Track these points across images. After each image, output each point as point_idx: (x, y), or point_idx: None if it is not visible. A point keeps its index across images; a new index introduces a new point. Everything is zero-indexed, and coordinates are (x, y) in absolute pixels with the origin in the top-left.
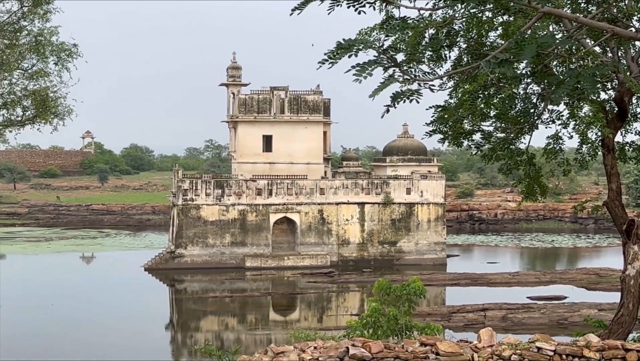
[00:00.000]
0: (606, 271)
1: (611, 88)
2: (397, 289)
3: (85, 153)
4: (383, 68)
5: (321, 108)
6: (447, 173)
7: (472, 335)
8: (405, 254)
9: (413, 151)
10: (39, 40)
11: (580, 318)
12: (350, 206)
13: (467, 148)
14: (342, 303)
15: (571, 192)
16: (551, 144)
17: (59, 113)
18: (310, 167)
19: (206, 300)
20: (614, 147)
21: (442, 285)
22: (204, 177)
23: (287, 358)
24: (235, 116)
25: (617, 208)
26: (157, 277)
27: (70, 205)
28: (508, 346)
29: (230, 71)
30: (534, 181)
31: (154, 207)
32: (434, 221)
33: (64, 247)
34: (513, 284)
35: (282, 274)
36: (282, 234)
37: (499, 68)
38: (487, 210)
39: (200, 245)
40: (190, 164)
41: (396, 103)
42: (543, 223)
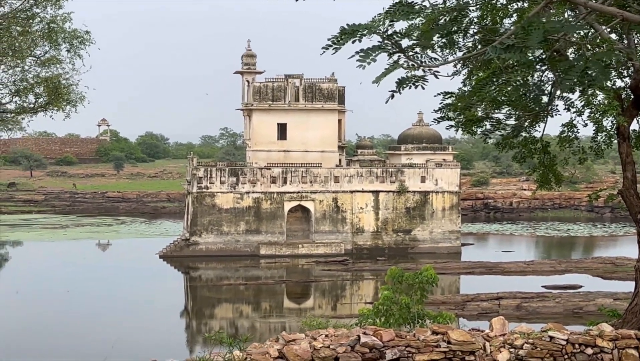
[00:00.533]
0: (622, 260)
1: (627, 76)
2: (410, 278)
3: (101, 141)
4: (388, 54)
5: (336, 96)
6: (462, 161)
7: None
8: (420, 242)
9: (428, 139)
10: (52, 27)
11: (595, 308)
12: (365, 195)
13: (481, 136)
14: (356, 291)
15: (587, 180)
16: (566, 132)
17: (71, 100)
18: (324, 155)
19: (220, 288)
20: (629, 135)
21: (457, 274)
22: (219, 165)
23: (298, 346)
24: (250, 103)
25: (632, 196)
26: (172, 264)
27: (86, 192)
28: (520, 335)
29: (245, 59)
30: (548, 170)
31: (169, 195)
32: (449, 209)
33: (80, 234)
34: (528, 273)
35: (296, 262)
36: (297, 222)
37: (505, 54)
38: (503, 199)
39: (215, 233)
40: (205, 152)
41: (401, 89)
42: (559, 212)
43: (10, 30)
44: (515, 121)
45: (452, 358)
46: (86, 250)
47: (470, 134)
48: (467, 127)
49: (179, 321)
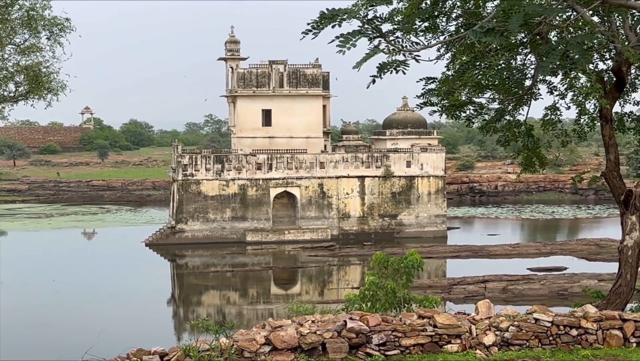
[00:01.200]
0: (606, 241)
1: (609, 58)
2: (395, 263)
3: (84, 129)
4: (368, 39)
5: (320, 82)
6: (447, 146)
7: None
8: (406, 227)
9: (413, 123)
10: (31, 15)
11: (580, 289)
12: (351, 180)
13: (464, 120)
14: (343, 277)
15: (571, 163)
16: (549, 115)
17: (52, 89)
18: (310, 141)
19: (207, 275)
20: (612, 118)
21: (443, 257)
22: (204, 153)
23: (284, 332)
24: (234, 90)
25: (615, 178)
26: (158, 252)
27: (70, 181)
28: (506, 318)
29: (229, 45)
30: (532, 153)
31: (154, 182)
32: (434, 193)
33: (65, 223)
34: (513, 256)
35: (282, 249)
36: (283, 208)
37: (486, 37)
38: (488, 182)
39: (201, 220)
40: (190, 139)
41: (382, 74)
42: (543, 195)
43: None
44: (499, 104)
45: (439, 342)
46: (71, 239)
47: (454, 119)
48: (451, 112)
49: (166, 309)
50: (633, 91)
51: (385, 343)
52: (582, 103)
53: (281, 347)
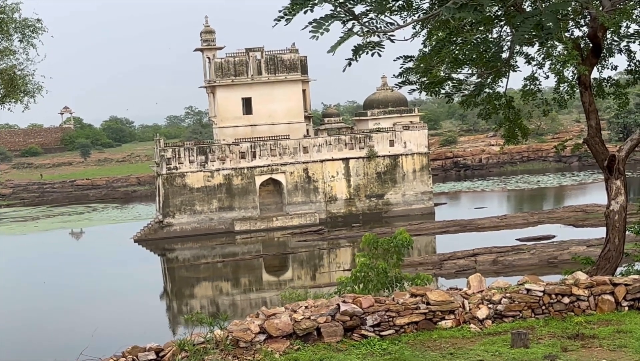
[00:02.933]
0: (593, 207)
1: (585, 25)
2: (385, 243)
3: (65, 129)
4: (341, 22)
5: (298, 66)
6: (429, 122)
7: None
8: (393, 206)
9: (393, 102)
10: (1, 18)
11: (569, 256)
12: (335, 163)
13: (444, 96)
14: (334, 260)
15: (553, 131)
16: (528, 85)
17: (28, 91)
18: (291, 126)
19: (198, 267)
20: (590, 84)
21: (432, 234)
22: (186, 145)
23: (279, 319)
24: (213, 80)
25: (598, 144)
26: (147, 248)
27: (54, 182)
28: (497, 290)
29: (204, 35)
30: (514, 124)
31: (139, 178)
32: (419, 171)
33: (52, 225)
34: (502, 228)
35: (272, 236)
36: (269, 195)
37: (460, 13)
38: (472, 156)
39: (188, 213)
40: (172, 132)
41: (358, 56)
42: (527, 165)
43: None
44: (478, 78)
45: (433, 319)
46: (59, 240)
47: (434, 95)
48: (430, 89)
49: (159, 303)
50: (610, 55)
51: (380, 324)
52: (560, 71)
53: (276, 335)
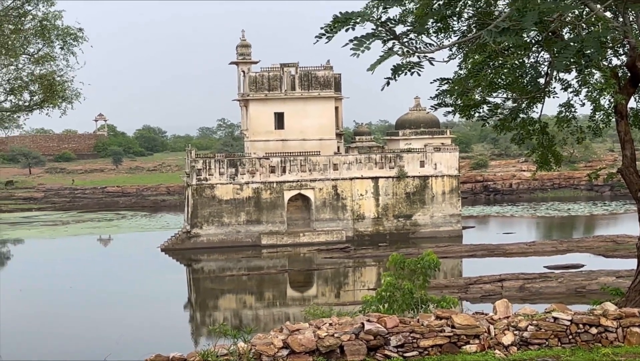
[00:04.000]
0: (623, 238)
1: (623, 54)
2: (412, 263)
3: (98, 136)
4: (382, 41)
5: (332, 83)
6: (460, 145)
7: (489, 306)
8: (421, 227)
9: (426, 123)
10: (44, 25)
11: (598, 286)
12: (364, 181)
13: (478, 120)
14: (359, 278)
15: (586, 160)
16: (563, 112)
17: (66, 97)
18: (322, 143)
19: (223, 279)
20: (627, 113)
21: (459, 257)
22: (217, 157)
23: (302, 335)
24: (246, 94)
25: (632, 174)
26: (174, 257)
27: (85, 188)
28: (524, 317)
29: (240, 49)
30: (547, 150)
31: (169, 188)
32: (449, 193)
33: (81, 230)
34: (530, 254)
35: (298, 251)
36: (297, 211)
37: (501, 37)
38: (502, 180)
39: (216, 224)
40: (203, 143)
41: (397, 76)
42: (558, 192)
43: (2, 28)
44: (513, 103)
45: (457, 343)
46: (88, 246)
47: (468, 119)
48: (465, 112)
49: (182, 313)
50: None
51: (404, 345)
52: (596, 99)
53: (299, 350)
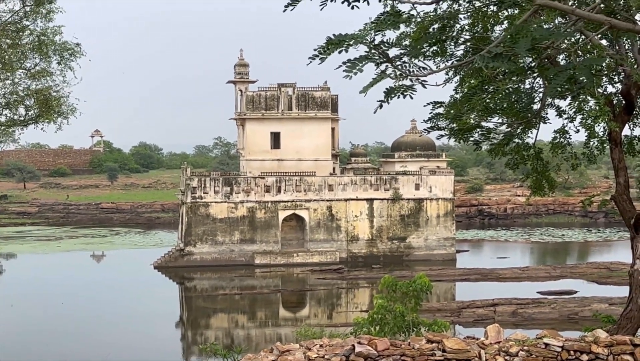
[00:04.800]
0: (617, 265)
1: (618, 81)
2: (404, 286)
3: (94, 152)
4: (375, 64)
5: (329, 104)
6: (456, 168)
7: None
8: (415, 250)
9: (421, 146)
10: (42, 40)
11: (590, 313)
12: (359, 202)
13: (472, 143)
14: (352, 300)
15: (581, 186)
16: (558, 138)
17: (62, 112)
18: (318, 163)
19: (216, 298)
20: (621, 141)
21: (452, 281)
22: (213, 175)
23: (292, 356)
24: (243, 113)
25: (625, 202)
26: (166, 275)
27: (79, 204)
28: (515, 343)
29: (238, 68)
30: (541, 176)
31: (164, 205)
32: (443, 216)
33: (74, 246)
34: (523, 279)
35: (291, 271)
36: (291, 231)
37: (494, 63)
38: (497, 205)
39: (210, 243)
40: (199, 161)
41: (389, 99)
42: (553, 217)
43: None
44: (508, 128)
45: None
46: (80, 262)
47: (463, 141)
48: (459, 136)
49: (174, 331)
50: None
51: None
52: (591, 126)
53: None
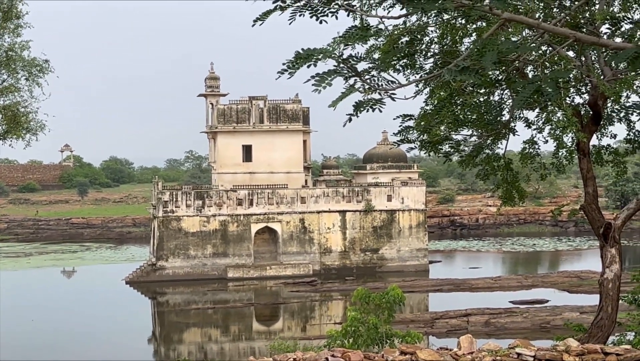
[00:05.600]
0: (587, 273)
1: (585, 92)
2: (377, 298)
3: (64, 167)
4: (344, 78)
5: (300, 117)
6: (427, 179)
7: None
8: (388, 261)
9: (393, 157)
10: (10, 56)
11: (562, 322)
12: (332, 214)
13: (442, 156)
14: (325, 312)
15: (551, 195)
16: (527, 148)
17: (31, 128)
18: (290, 176)
19: (188, 312)
20: (589, 151)
21: (425, 291)
22: (184, 189)
23: None
24: (215, 126)
25: (594, 211)
26: (138, 290)
27: (49, 219)
28: (488, 353)
29: (209, 82)
30: (511, 186)
31: (135, 219)
32: (416, 227)
33: (44, 262)
34: (495, 289)
35: (264, 284)
36: (264, 244)
37: (461, 76)
38: (468, 215)
39: (182, 257)
40: (170, 175)
41: (359, 112)
42: (524, 227)
43: None
44: (478, 139)
45: None
46: (51, 278)
47: (434, 153)
48: (429, 148)
49: (147, 347)
50: (610, 124)
51: None
52: (559, 137)
53: None
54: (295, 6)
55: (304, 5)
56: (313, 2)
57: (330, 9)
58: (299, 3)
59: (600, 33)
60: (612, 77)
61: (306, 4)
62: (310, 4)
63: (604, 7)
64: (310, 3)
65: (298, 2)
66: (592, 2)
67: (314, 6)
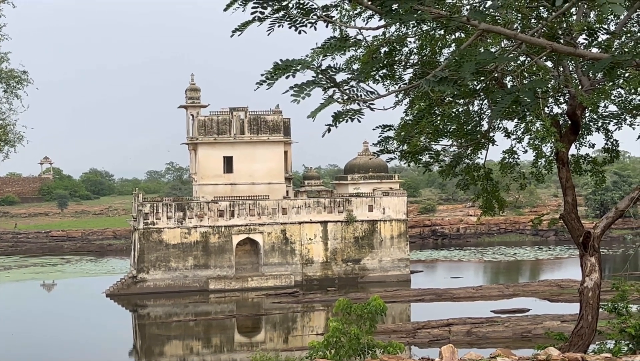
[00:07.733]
0: (568, 282)
1: (564, 102)
2: (358, 308)
3: (43, 179)
4: (322, 88)
5: (281, 128)
6: (408, 189)
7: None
8: (370, 271)
9: (374, 168)
10: None
11: (543, 330)
12: (313, 225)
13: (422, 166)
14: (307, 323)
15: (531, 205)
16: (506, 158)
17: (9, 141)
18: (271, 187)
19: (170, 325)
20: (568, 160)
21: (407, 301)
22: (165, 201)
23: None
24: (195, 137)
25: (574, 220)
26: (119, 303)
27: (29, 232)
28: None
29: (189, 93)
30: (491, 196)
31: (115, 232)
32: (397, 237)
33: (24, 275)
34: (477, 299)
35: (246, 296)
36: (246, 255)
37: (439, 86)
38: (450, 225)
39: (163, 269)
40: (151, 187)
41: (337, 123)
42: (505, 236)
43: None
44: (458, 149)
45: None
46: (31, 292)
47: (414, 163)
48: (409, 158)
49: (128, 360)
50: (588, 133)
51: None
52: (538, 147)
53: None
54: (274, 17)
55: (282, 16)
56: (292, 13)
57: (309, 20)
58: (277, 14)
59: (577, 44)
60: (589, 87)
61: (285, 14)
62: (289, 15)
63: (580, 18)
64: (289, 14)
65: (277, 13)
66: (569, 13)
67: (292, 17)
